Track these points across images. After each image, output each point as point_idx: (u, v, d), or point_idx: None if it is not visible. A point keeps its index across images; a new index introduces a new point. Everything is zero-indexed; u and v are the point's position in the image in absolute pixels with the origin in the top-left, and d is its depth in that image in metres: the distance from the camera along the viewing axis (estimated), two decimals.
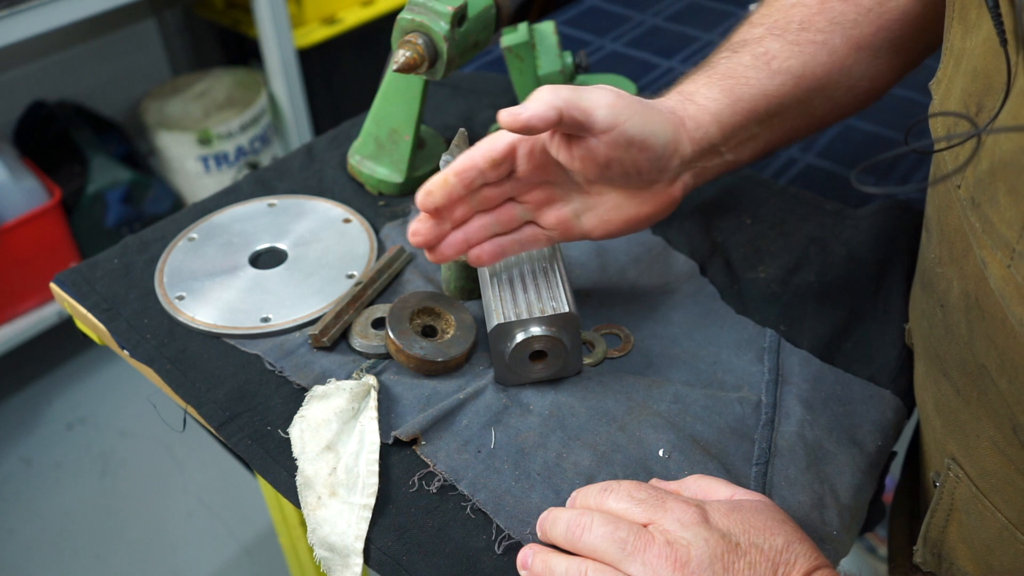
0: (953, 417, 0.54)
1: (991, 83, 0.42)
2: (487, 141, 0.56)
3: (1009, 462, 0.49)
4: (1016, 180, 0.40)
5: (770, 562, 0.44)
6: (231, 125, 1.77)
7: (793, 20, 0.61)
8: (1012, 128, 0.40)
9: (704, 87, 0.59)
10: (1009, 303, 0.43)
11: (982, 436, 0.51)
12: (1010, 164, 0.40)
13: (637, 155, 0.54)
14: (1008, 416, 0.47)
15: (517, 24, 0.83)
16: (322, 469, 0.55)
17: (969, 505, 0.55)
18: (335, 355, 0.64)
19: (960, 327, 0.51)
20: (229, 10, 1.86)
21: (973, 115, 0.44)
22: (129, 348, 0.66)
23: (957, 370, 0.52)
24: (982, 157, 0.43)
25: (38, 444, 1.69)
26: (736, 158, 0.60)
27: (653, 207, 0.59)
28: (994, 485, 0.52)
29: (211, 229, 0.77)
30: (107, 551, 1.51)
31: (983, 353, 0.48)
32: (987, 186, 0.43)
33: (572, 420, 0.59)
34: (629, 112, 0.53)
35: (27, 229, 1.53)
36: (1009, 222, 0.41)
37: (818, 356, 0.64)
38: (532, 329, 0.58)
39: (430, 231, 0.57)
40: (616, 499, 0.48)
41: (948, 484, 0.56)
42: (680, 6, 1.19)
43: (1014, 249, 0.41)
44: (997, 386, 0.47)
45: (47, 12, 1.33)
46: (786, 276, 0.72)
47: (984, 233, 0.44)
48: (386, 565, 0.52)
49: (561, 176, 0.58)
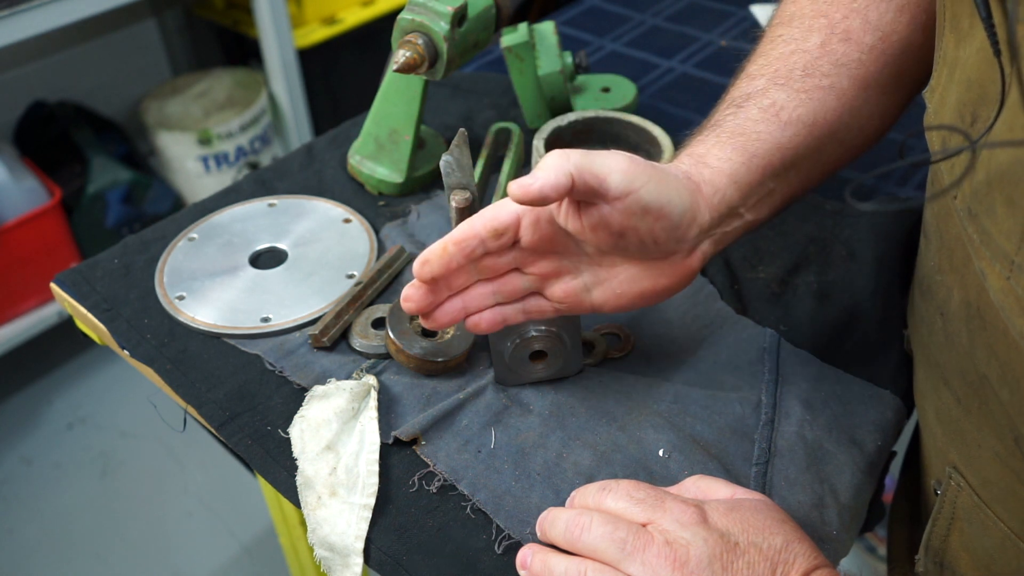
0: (954, 426, 0.54)
1: (985, 93, 0.42)
2: (490, 210, 0.52)
3: (1011, 472, 0.49)
4: (1013, 191, 0.40)
5: (769, 561, 0.44)
6: (231, 125, 1.77)
7: (795, 67, 0.58)
8: (1005, 143, 0.39)
9: (715, 147, 0.55)
10: (1009, 315, 0.42)
11: (983, 446, 0.50)
12: (1007, 175, 0.40)
13: (653, 223, 0.50)
14: (1010, 427, 0.47)
15: (517, 24, 0.83)
16: (322, 469, 0.55)
17: (971, 514, 0.54)
18: (335, 355, 0.64)
19: (960, 336, 0.50)
20: (229, 10, 1.86)
21: (968, 125, 0.44)
22: (129, 348, 0.66)
23: (957, 379, 0.52)
24: (978, 169, 0.43)
25: (38, 444, 1.69)
26: (755, 217, 0.56)
27: (670, 279, 0.54)
28: (996, 495, 0.51)
29: (211, 229, 0.77)
30: (107, 551, 1.51)
31: (984, 363, 0.47)
32: (984, 197, 0.42)
33: (572, 420, 0.59)
34: (644, 178, 0.49)
35: (27, 229, 1.53)
36: (1007, 234, 0.41)
37: (818, 356, 0.64)
38: (532, 329, 0.58)
39: (423, 298, 0.53)
40: (615, 498, 0.48)
41: (950, 493, 0.56)
42: (680, 6, 1.19)
43: (1013, 261, 0.41)
44: (998, 397, 0.47)
45: (47, 12, 1.33)
46: (786, 276, 0.72)
47: (982, 245, 0.43)
48: (386, 565, 0.52)
49: (570, 246, 0.54)
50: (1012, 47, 0.38)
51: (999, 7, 0.39)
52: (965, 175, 0.44)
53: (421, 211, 0.79)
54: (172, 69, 2.04)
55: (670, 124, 0.80)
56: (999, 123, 0.40)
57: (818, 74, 0.57)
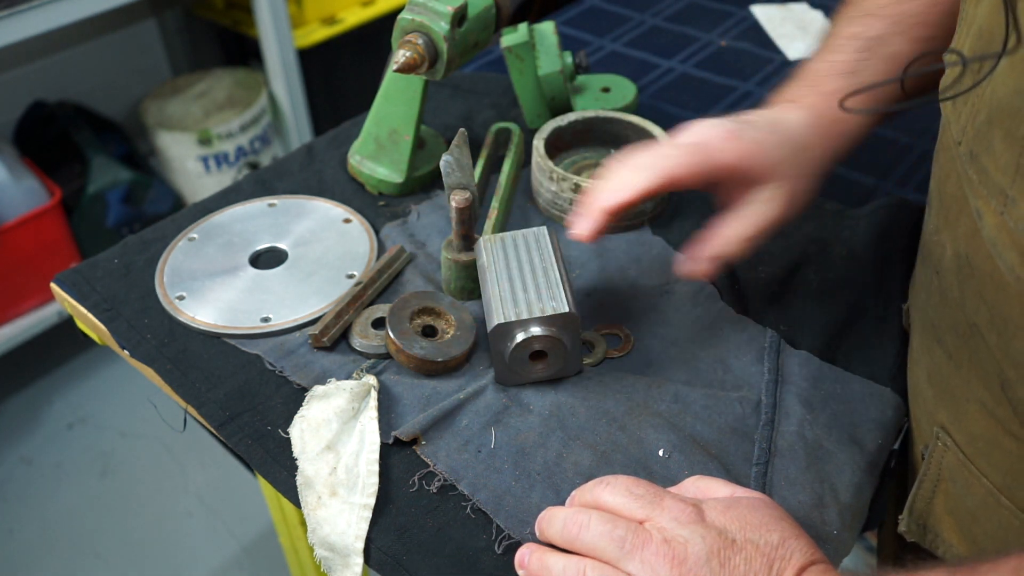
0: (944, 384, 0.55)
1: (993, 39, 0.43)
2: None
3: (996, 423, 0.50)
4: (1011, 124, 0.41)
5: (766, 558, 0.44)
6: (231, 125, 1.77)
7: (914, 14, 0.60)
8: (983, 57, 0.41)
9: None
10: (1001, 251, 0.44)
11: (971, 400, 0.52)
12: (1006, 108, 0.41)
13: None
14: (997, 372, 0.48)
15: (517, 24, 0.83)
16: (322, 469, 0.55)
17: (955, 473, 0.56)
18: (335, 355, 0.64)
19: (952, 290, 0.52)
20: (229, 10, 1.86)
21: (976, 72, 0.45)
22: (129, 348, 0.66)
23: (950, 334, 0.53)
24: (980, 109, 0.44)
25: (38, 444, 1.69)
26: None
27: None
28: (981, 449, 0.53)
29: (211, 229, 0.77)
30: (107, 551, 1.51)
31: (974, 311, 0.49)
32: (985, 135, 0.44)
33: (572, 420, 0.59)
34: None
35: (27, 229, 1.53)
36: (1004, 168, 0.42)
37: (818, 355, 0.64)
38: (532, 329, 0.58)
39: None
40: (612, 493, 0.48)
41: (936, 454, 0.57)
42: (680, 6, 1.19)
43: (1007, 194, 0.42)
44: (987, 342, 0.48)
45: (47, 12, 1.33)
46: (786, 276, 0.72)
47: (980, 184, 0.45)
48: (386, 565, 0.52)
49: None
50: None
51: None
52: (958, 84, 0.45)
53: (421, 211, 0.79)
54: (172, 69, 2.04)
55: (670, 124, 0.80)
56: (1003, 63, 0.41)
57: (931, 24, 0.59)
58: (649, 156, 0.55)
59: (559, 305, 0.58)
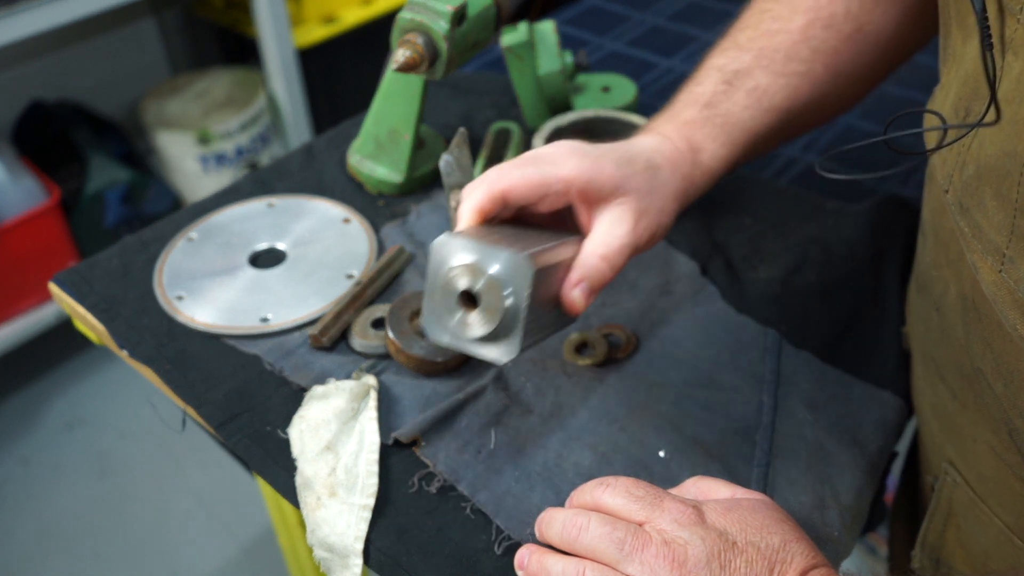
0: (950, 421, 0.54)
1: (979, 87, 0.43)
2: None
3: (1006, 467, 0.49)
4: (1001, 185, 0.40)
5: (767, 560, 0.44)
6: (230, 125, 1.77)
7: (779, 49, 0.60)
8: (967, 126, 0.40)
9: (710, 140, 0.57)
10: (1002, 308, 0.43)
11: (979, 440, 0.51)
12: (995, 169, 0.41)
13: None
14: (1004, 420, 0.47)
15: (517, 24, 0.83)
16: (321, 469, 0.55)
17: (966, 510, 0.55)
18: (335, 355, 0.64)
19: (956, 330, 0.51)
20: (228, 10, 1.86)
21: (961, 119, 0.45)
22: (128, 348, 0.66)
23: (953, 374, 0.52)
24: (968, 163, 0.43)
25: (37, 444, 1.69)
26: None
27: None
28: (991, 490, 0.52)
29: (210, 229, 0.77)
30: (107, 551, 1.51)
31: (979, 356, 0.48)
32: (974, 191, 0.43)
33: (572, 420, 0.59)
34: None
35: (26, 229, 1.53)
36: (998, 227, 0.41)
37: (819, 356, 0.64)
38: (466, 256, 0.46)
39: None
40: (612, 494, 0.48)
41: (946, 489, 0.56)
42: (680, 6, 1.19)
43: (1004, 254, 0.41)
44: (993, 390, 0.47)
45: (46, 12, 1.33)
46: (787, 276, 0.71)
47: (974, 238, 0.44)
48: (386, 566, 0.52)
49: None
50: (1004, 41, 0.39)
51: (995, 2, 0.39)
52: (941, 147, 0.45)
53: (421, 211, 0.78)
54: (171, 68, 2.04)
55: None
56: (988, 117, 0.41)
57: (797, 59, 0.60)
58: (485, 175, 0.51)
59: (517, 250, 0.45)
